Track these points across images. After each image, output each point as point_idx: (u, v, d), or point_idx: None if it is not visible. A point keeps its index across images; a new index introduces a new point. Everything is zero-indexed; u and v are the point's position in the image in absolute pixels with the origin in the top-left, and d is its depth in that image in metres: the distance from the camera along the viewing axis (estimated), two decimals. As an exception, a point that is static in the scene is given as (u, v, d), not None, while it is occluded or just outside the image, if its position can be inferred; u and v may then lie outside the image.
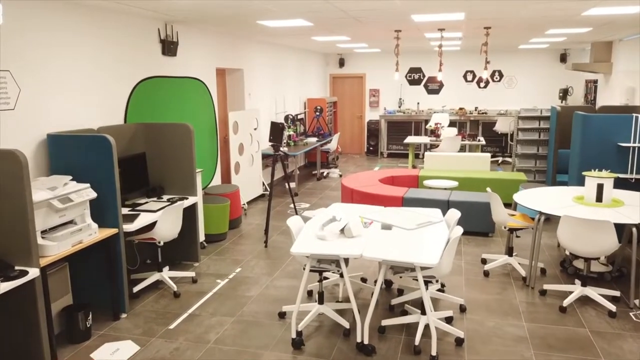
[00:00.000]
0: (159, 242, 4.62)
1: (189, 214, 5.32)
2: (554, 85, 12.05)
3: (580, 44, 10.12)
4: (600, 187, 4.68)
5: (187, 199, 5.14)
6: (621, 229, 5.07)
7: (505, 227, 5.04)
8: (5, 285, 3.02)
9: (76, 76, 4.50)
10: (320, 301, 4.00)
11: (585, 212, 4.42)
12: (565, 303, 4.25)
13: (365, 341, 3.62)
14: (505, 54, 12.16)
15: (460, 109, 12.34)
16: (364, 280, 4.87)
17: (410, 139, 10.29)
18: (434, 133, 10.45)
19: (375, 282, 4.75)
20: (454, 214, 4.28)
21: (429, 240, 3.74)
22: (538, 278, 4.95)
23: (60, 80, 4.30)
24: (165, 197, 5.18)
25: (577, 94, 11.71)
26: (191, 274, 4.99)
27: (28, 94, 3.99)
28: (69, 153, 4.06)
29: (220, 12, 5.24)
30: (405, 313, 4.15)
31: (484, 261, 5.42)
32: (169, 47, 5.91)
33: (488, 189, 5.19)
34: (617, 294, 4.41)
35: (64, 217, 3.65)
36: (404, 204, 6.53)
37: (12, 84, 3.84)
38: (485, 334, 3.87)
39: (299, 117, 10.82)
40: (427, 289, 4.05)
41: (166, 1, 4.53)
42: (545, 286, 4.60)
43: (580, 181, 5.81)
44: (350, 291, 3.64)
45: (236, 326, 4.03)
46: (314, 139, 10.12)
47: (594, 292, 4.34)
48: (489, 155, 8.33)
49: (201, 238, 5.87)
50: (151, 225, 4.50)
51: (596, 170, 5.42)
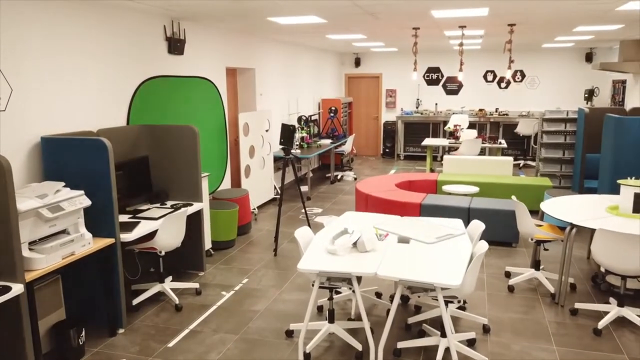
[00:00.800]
0: (160, 252, 4.35)
1: (194, 221, 5.04)
2: (579, 85, 11.56)
3: (607, 42, 9.65)
4: (637, 197, 4.28)
5: (192, 205, 4.87)
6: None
7: (532, 239, 4.66)
8: (-16, 304, 2.76)
9: (74, 75, 4.24)
10: (331, 320, 3.68)
11: (622, 225, 4.03)
12: (601, 325, 3.86)
13: (379, 367, 3.29)
14: (528, 53, 11.70)
15: (480, 110, 11.91)
16: (378, 295, 4.54)
17: (428, 141, 9.92)
18: (453, 135, 10.07)
19: (391, 299, 4.42)
20: (478, 226, 3.92)
21: (450, 256, 3.40)
22: (568, 294, 4.57)
23: (56, 79, 4.05)
24: (169, 203, 4.91)
25: (604, 95, 11.20)
26: (195, 285, 4.71)
27: (21, 95, 3.74)
28: (64, 157, 3.81)
29: (228, 8, 4.95)
30: (423, 334, 3.81)
31: (508, 274, 5.05)
32: (175, 45, 5.65)
33: (513, 197, 4.82)
34: (657, 315, 4.02)
35: (54, 227, 3.38)
36: (421, 211, 6.18)
37: (3, 83, 3.59)
38: (512, 360, 3.51)
39: (313, 118, 10.52)
40: (448, 308, 3.71)
41: (169, -4, 4.26)
42: (577, 305, 4.21)
43: (613, 189, 5.41)
44: (363, 311, 3.32)
45: (240, 345, 3.73)
46: (328, 141, 9.81)
47: (632, 313, 3.95)
48: (511, 159, 7.92)
49: (208, 245, 5.60)
50: (152, 234, 4.23)
51: (632, 178, 5.01)
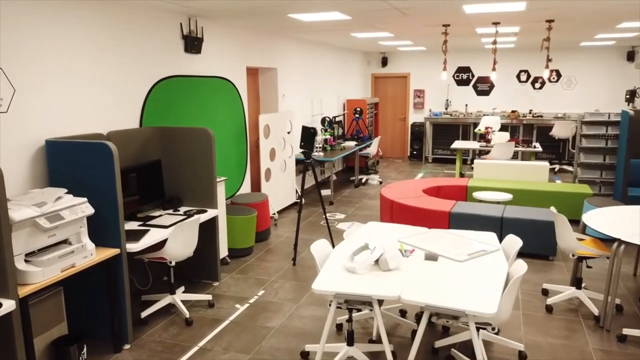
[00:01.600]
0: (171, 262, 4.10)
1: (209, 228, 4.79)
2: (620, 86, 10.93)
3: (653, 40, 9.04)
4: (695, 211, 3.83)
5: (206, 211, 4.61)
6: None
7: (573, 255, 4.25)
8: (-29, 323, 2.55)
9: (84, 75, 4.03)
10: (350, 342, 3.36)
11: (679, 243, 3.59)
12: (653, 356, 3.45)
13: (402, 399, 2.96)
14: (565, 52, 11.13)
15: (513, 111, 11.38)
16: (402, 313, 4.19)
17: (457, 144, 9.48)
18: (484, 138, 9.61)
19: (417, 318, 4.07)
20: (514, 242, 3.54)
21: (484, 277, 3.04)
22: (614, 317, 4.13)
23: (64, 79, 3.85)
24: (182, 210, 4.67)
25: (647, 96, 10.55)
26: (207, 297, 4.45)
27: (24, 96, 3.53)
28: (69, 162, 3.59)
29: (248, 5, 4.68)
30: (451, 360, 3.46)
31: (546, 292, 4.64)
32: (192, 44, 5.41)
33: (552, 208, 4.41)
34: None
35: (54, 238, 3.16)
36: (450, 220, 5.80)
37: (5, 83, 3.39)
38: (553, 394, 3.13)
39: (337, 120, 10.20)
40: (479, 333, 3.35)
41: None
42: (625, 331, 3.79)
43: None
44: (384, 335, 2.99)
45: (251, 367, 3.45)
46: (353, 143, 9.48)
47: (689, 343, 3.51)
48: (547, 164, 7.45)
49: (224, 253, 5.34)
50: (162, 243, 3.99)
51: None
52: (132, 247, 3.64)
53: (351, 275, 3.07)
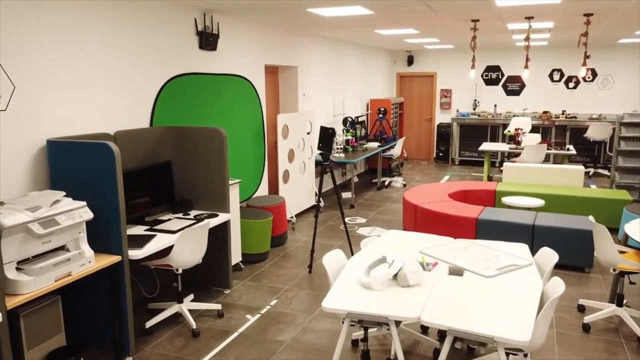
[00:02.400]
0: (177, 270, 3.88)
1: (220, 233, 4.56)
2: (660, 85, 10.33)
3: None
4: None
5: (217, 215, 4.39)
6: None
7: (614, 270, 3.87)
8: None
9: (90, 71, 3.85)
10: (365, 362, 3.07)
11: None
12: None
13: None
14: (601, 49, 10.58)
15: (545, 112, 10.89)
16: (424, 329, 3.87)
17: (485, 146, 9.07)
18: (514, 140, 9.17)
19: (440, 336, 3.75)
20: (548, 256, 3.20)
21: (516, 297, 2.72)
22: (659, 339, 3.74)
23: (69, 76, 3.66)
24: (192, 213, 4.46)
25: (690, 96, 9.94)
26: (217, 306, 4.22)
27: (26, 93, 3.36)
28: (70, 163, 3.40)
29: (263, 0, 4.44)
30: (477, 385, 3.14)
31: (582, 308, 4.26)
32: (207, 40, 5.20)
33: (591, 218, 4.04)
34: None
35: (49, 244, 2.96)
36: (478, 227, 5.44)
37: (5, 80, 3.22)
38: None
39: (360, 120, 9.90)
40: (509, 358, 3.02)
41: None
42: (674, 356, 3.41)
43: None
44: (401, 358, 2.69)
45: (258, 386, 3.20)
46: (376, 144, 9.16)
47: None
48: (582, 168, 7.00)
49: (237, 259, 5.11)
50: (168, 249, 3.77)
51: None
52: (135, 254, 3.43)
53: (366, 291, 2.78)
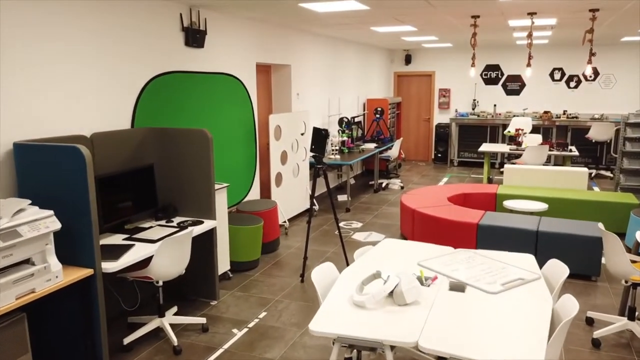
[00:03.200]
0: (157, 282, 3.61)
1: (206, 241, 4.29)
2: (664, 85, 10.09)
3: None
4: None
5: (202, 222, 4.12)
6: None
7: (626, 282, 3.61)
8: None
9: (64, 68, 3.58)
10: (358, 386, 2.82)
11: None
12: None
13: None
14: (603, 48, 10.33)
15: (545, 112, 10.64)
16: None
17: (485, 147, 8.82)
18: (515, 140, 8.92)
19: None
20: (558, 270, 2.95)
21: (524, 316, 2.46)
22: (675, 356, 3.49)
23: (41, 73, 3.39)
24: (176, 220, 4.19)
25: (694, 96, 9.70)
26: (201, 320, 3.95)
27: (-13, 92, 3.09)
28: (39, 168, 3.14)
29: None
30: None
31: (591, 321, 4.00)
32: (194, 37, 4.93)
33: (600, 225, 3.78)
34: None
35: (10, 258, 2.69)
36: (479, 233, 5.19)
37: (-35, 78, 2.95)
38: None
39: (356, 120, 9.63)
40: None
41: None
42: (693, 377, 3.15)
43: None
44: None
45: (242, 411, 2.93)
46: (372, 145, 8.90)
47: None
48: (586, 170, 6.75)
49: (225, 267, 4.85)
50: (147, 260, 3.50)
51: None
52: (109, 267, 3.16)
53: (359, 310, 2.52)
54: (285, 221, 6.47)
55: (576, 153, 8.18)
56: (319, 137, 4.88)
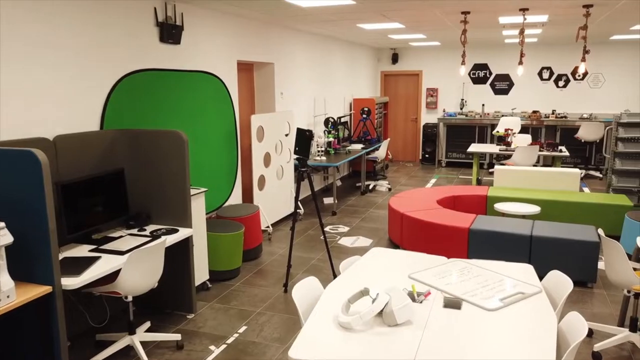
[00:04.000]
0: (126, 298, 3.33)
1: (182, 250, 4.01)
2: (652, 84, 10.00)
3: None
4: None
5: (177, 231, 3.84)
6: None
7: (628, 292, 3.41)
8: None
9: (25, 65, 3.27)
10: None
11: None
12: None
13: None
14: (592, 46, 10.21)
15: (534, 112, 10.50)
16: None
17: (475, 147, 8.63)
18: (504, 141, 8.75)
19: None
20: (561, 282, 2.72)
21: (526, 337, 2.22)
22: (680, 371, 3.29)
23: (1, 74, 3.09)
24: (149, 229, 3.90)
25: (683, 95, 9.62)
26: (175, 337, 3.66)
27: None
28: (-10, 174, 2.83)
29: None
30: None
31: (590, 333, 3.80)
32: (169, 33, 4.64)
33: (600, 231, 3.57)
34: None
35: (-48, 277, 2.40)
36: (470, 238, 4.97)
37: None
38: None
39: (343, 121, 9.39)
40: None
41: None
42: (703, 395, 2.95)
43: None
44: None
45: None
46: (359, 146, 8.66)
47: None
48: (578, 171, 6.57)
49: (204, 277, 4.56)
50: (115, 273, 3.21)
51: None
52: (70, 283, 2.87)
53: (345, 332, 2.27)
54: (268, 226, 6.20)
55: (566, 153, 8.02)
56: (303, 139, 4.62)
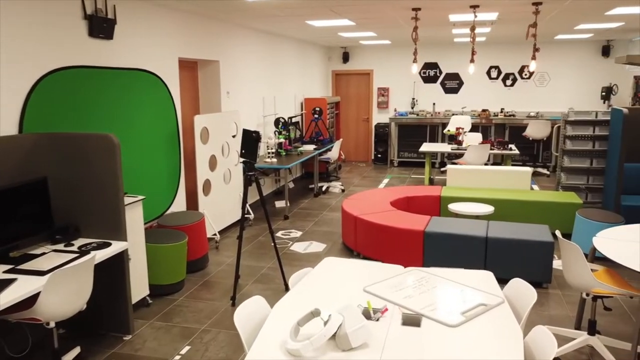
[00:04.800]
0: (48, 324, 2.94)
1: (115, 266, 3.64)
2: (594, 83, 10.27)
3: (633, 32, 8.35)
4: None
5: (110, 245, 3.47)
6: None
7: (587, 295, 3.32)
8: None
9: None
10: None
11: None
12: None
13: None
14: (538, 45, 10.38)
15: (484, 110, 10.60)
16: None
17: (427, 147, 8.56)
18: (455, 139, 8.73)
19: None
20: (524, 292, 2.57)
21: (493, 353, 2.03)
22: (640, 374, 3.22)
23: None
24: (79, 243, 3.51)
25: (623, 94, 9.92)
26: (109, 363, 3.30)
27: None
28: None
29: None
30: None
31: (548, 337, 3.69)
32: (99, 26, 4.24)
33: (558, 232, 3.47)
34: None
35: None
36: (425, 241, 4.82)
37: None
38: None
39: (294, 121, 9.13)
40: None
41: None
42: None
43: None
44: None
45: None
46: (312, 147, 8.43)
47: None
48: (529, 170, 6.58)
49: (143, 293, 4.19)
50: (33, 297, 2.83)
51: None
52: (-24, 313, 2.48)
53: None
54: (215, 234, 5.85)
55: (517, 152, 8.07)
56: (250, 141, 4.32)
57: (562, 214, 5.84)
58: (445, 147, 8.54)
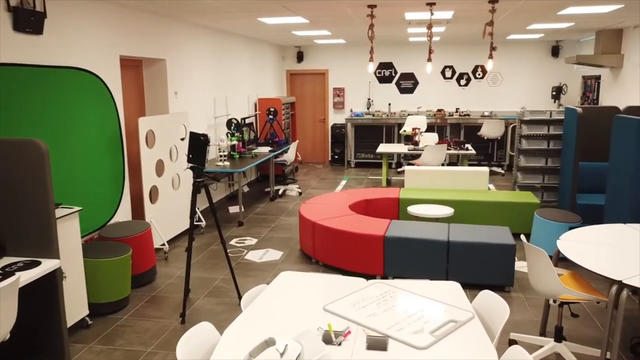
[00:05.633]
0: (-38, 360, 2.55)
1: (47, 286, 3.25)
2: (545, 82, 10.46)
3: (581, 33, 8.51)
4: None
5: (39, 263, 3.09)
6: None
7: (554, 301, 3.20)
8: None
9: None
10: None
11: None
12: None
13: None
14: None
15: (439, 110, 10.60)
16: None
17: (383, 148, 8.43)
18: (411, 140, 8.65)
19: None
20: (495, 307, 2.40)
21: (467, 385, 1.84)
22: (608, 381, 3.13)
23: None
24: (3, 263, 3.11)
25: (572, 93, 10.14)
26: (38, 398, 2.93)
27: None
28: None
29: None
30: None
31: (514, 344, 3.57)
32: (26, 20, 3.82)
33: (523, 237, 3.35)
34: None
35: None
36: (385, 246, 4.64)
37: None
38: None
39: (248, 122, 8.81)
40: None
41: None
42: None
43: (637, 214, 4.07)
44: None
45: None
46: (267, 149, 8.14)
47: None
48: (487, 170, 6.54)
49: (82, 313, 3.81)
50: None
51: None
52: None
53: (245, 401, 1.74)
54: (164, 244, 5.47)
55: (473, 152, 8.06)
56: (197, 144, 4.01)
57: (521, 214, 5.81)
58: (402, 148, 8.44)
